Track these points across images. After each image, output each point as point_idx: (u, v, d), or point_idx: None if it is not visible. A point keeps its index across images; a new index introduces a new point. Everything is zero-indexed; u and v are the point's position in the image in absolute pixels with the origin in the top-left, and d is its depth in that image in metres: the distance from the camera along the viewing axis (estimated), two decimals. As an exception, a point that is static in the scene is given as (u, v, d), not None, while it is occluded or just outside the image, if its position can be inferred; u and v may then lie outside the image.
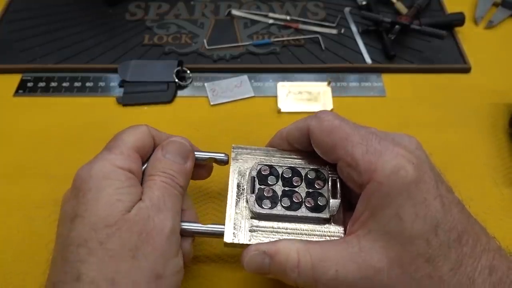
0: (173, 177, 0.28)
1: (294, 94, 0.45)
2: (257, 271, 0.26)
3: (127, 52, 0.49)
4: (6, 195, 0.37)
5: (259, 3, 0.55)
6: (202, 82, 0.46)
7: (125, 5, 0.55)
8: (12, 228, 0.35)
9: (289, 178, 0.30)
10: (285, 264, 0.25)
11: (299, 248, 0.25)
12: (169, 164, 0.28)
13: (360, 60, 0.48)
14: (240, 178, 0.30)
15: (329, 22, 0.52)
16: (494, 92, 0.45)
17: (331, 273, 0.24)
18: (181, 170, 0.28)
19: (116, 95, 0.45)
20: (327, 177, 0.29)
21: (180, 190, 0.28)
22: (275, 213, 0.28)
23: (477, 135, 0.42)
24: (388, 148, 0.25)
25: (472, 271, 0.24)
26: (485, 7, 0.53)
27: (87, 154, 0.40)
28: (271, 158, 0.31)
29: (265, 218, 0.28)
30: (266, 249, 0.26)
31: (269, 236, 0.28)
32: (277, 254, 0.25)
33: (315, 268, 0.24)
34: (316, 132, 0.28)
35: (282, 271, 0.25)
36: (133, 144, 0.28)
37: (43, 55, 0.48)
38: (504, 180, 0.38)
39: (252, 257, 0.26)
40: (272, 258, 0.26)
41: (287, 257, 0.25)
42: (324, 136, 0.27)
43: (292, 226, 0.28)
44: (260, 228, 0.28)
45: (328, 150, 0.27)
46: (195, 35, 0.51)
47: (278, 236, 0.28)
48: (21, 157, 0.40)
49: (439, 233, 0.24)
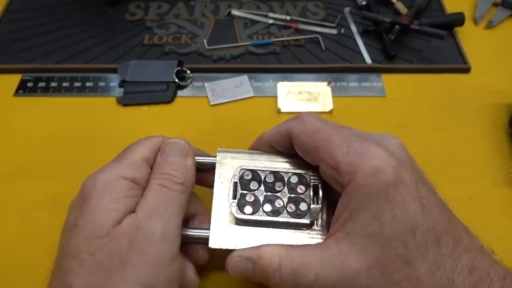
0: (171, 176, 0.27)
1: (294, 94, 0.45)
2: (242, 276, 0.26)
3: (127, 52, 0.49)
4: (5, 195, 0.37)
5: (259, 3, 0.55)
6: (202, 82, 0.46)
7: (125, 5, 0.55)
8: (11, 228, 0.35)
9: (271, 183, 0.30)
10: (268, 269, 0.25)
11: (281, 253, 0.26)
12: (167, 164, 0.28)
13: (360, 60, 0.48)
14: (225, 181, 0.30)
15: (329, 22, 0.52)
16: (494, 92, 0.45)
17: (311, 277, 0.24)
18: (180, 168, 0.28)
19: (116, 95, 0.45)
20: (309, 182, 0.29)
21: (181, 188, 0.27)
22: (257, 219, 0.29)
23: (478, 135, 0.42)
24: (369, 149, 0.25)
25: (451, 271, 0.24)
26: (485, 7, 0.53)
27: (87, 154, 0.40)
28: (255, 162, 0.31)
29: (248, 224, 0.29)
30: (249, 254, 0.26)
31: (252, 241, 0.28)
32: (260, 259, 0.26)
33: (295, 272, 0.25)
34: (298, 134, 0.28)
35: (265, 275, 0.25)
36: (143, 154, 0.28)
37: (43, 55, 0.48)
38: (504, 180, 0.38)
39: (236, 263, 0.26)
40: (255, 263, 0.26)
41: (269, 262, 0.25)
42: (306, 138, 0.27)
43: (275, 231, 0.28)
44: (244, 233, 0.28)
45: (310, 152, 0.27)
46: (195, 35, 0.51)
47: (261, 241, 0.28)
48: (21, 157, 0.40)
49: (417, 235, 0.24)
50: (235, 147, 0.32)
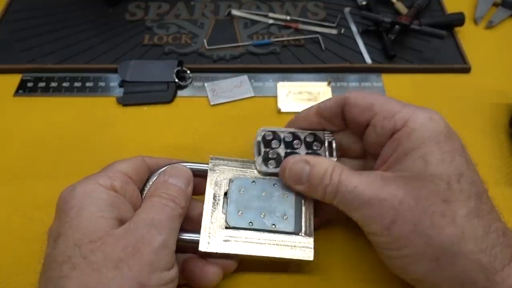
0: (175, 197, 0.28)
1: (294, 94, 0.45)
2: (294, 180, 0.30)
3: (127, 52, 0.49)
4: (5, 195, 0.37)
5: (259, 3, 0.55)
6: (202, 82, 0.46)
7: (125, 5, 0.55)
8: (11, 228, 0.35)
9: (290, 141, 0.32)
10: (321, 174, 0.28)
11: (335, 165, 0.28)
12: (172, 187, 0.29)
13: (360, 60, 0.48)
14: (216, 188, 0.31)
15: (329, 22, 0.52)
16: (494, 92, 0.45)
17: (350, 187, 0.27)
18: (182, 193, 0.29)
19: (116, 95, 0.45)
20: (324, 139, 0.32)
21: (181, 211, 0.28)
22: (246, 226, 0.30)
23: (478, 135, 0.42)
24: (423, 109, 0.28)
25: (487, 225, 0.25)
26: (485, 7, 0.53)
27: (87, 154, 0.40)
28: (247, 170, 0.32)
29: (237, 229, 0.30)
30: (308, 159, 0.29)
31: (242, 245, 0.29)
32: (317, 164, 0.29)
33: (340, 182, 0.27)
34: (356, 96, 0.30)
35: (317, 180, 0.28)
36: (122, 167, 0.29)
37: (43, 55, 0.48)
38: (505, 180, 0.38)
39: (294, 164, 0.29)
40: (313, 166, 0.29)
41: (324, 168, 0.28)
42: (363, 98, 0.30)
43: (264, 236, 0.30)
44: (233, 238, 0.30)
45: (364, 109, 0.29)
46: (195, 35, 0.51)
47: (251, 245, 0.29)
48: (21, 157, 0.40)
49: (462, 181, 0.25)
50: (235, 147, 0.32)
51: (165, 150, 0.40)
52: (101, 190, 0.27)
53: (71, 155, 0.40)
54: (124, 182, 0.28)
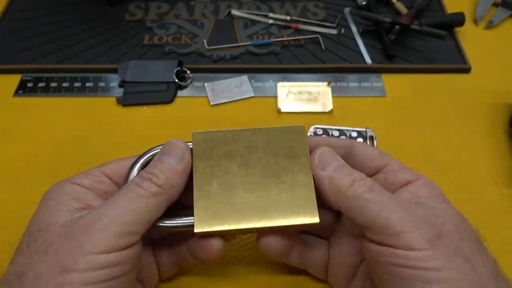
0: (152, 176, 0.26)
1: (294, 94, 0.45)
2: None
3: (127, 52, 0.49)
4: (6, 195, 0.37)
5: (259, 3, 0.55)
6: (202, 82, 0.46)
7: (125, 5, 0.55)
8: (11, 228, 0.35)
9: None
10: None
11: None
12: (156, 164, 0.27)
13: (360, 60, 0.48)
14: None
15: (329, 22, 0.52)
16: (494, 92, 0.45)
17: None
18: (167, 170, 0.27)
19: (116, 95, 0.45)
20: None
21: (157, 190, 0.26)
22: None
23: (477, 135, 0.42)
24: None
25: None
26: (485, 7, 0.53)
27: (87, 154, 0.40)
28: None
29: None
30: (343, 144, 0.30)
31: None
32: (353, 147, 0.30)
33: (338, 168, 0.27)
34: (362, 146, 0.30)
35: None
36: (106, 166, 0.29)
37: (43, 55, 0.48)
38: (504, 180, 0.38)
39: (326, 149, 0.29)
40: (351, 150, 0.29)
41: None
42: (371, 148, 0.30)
43: None
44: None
45: (373, 160, 0.29)
46: (195, 35, 0.51)
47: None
48: (21, 157, 0.40)
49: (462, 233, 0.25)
50: None
51: (165, 150, 0.40)
52: (67, 185, 0.27)
53: (71, 155, 0.40)
54: (96, 181, 0.28)
